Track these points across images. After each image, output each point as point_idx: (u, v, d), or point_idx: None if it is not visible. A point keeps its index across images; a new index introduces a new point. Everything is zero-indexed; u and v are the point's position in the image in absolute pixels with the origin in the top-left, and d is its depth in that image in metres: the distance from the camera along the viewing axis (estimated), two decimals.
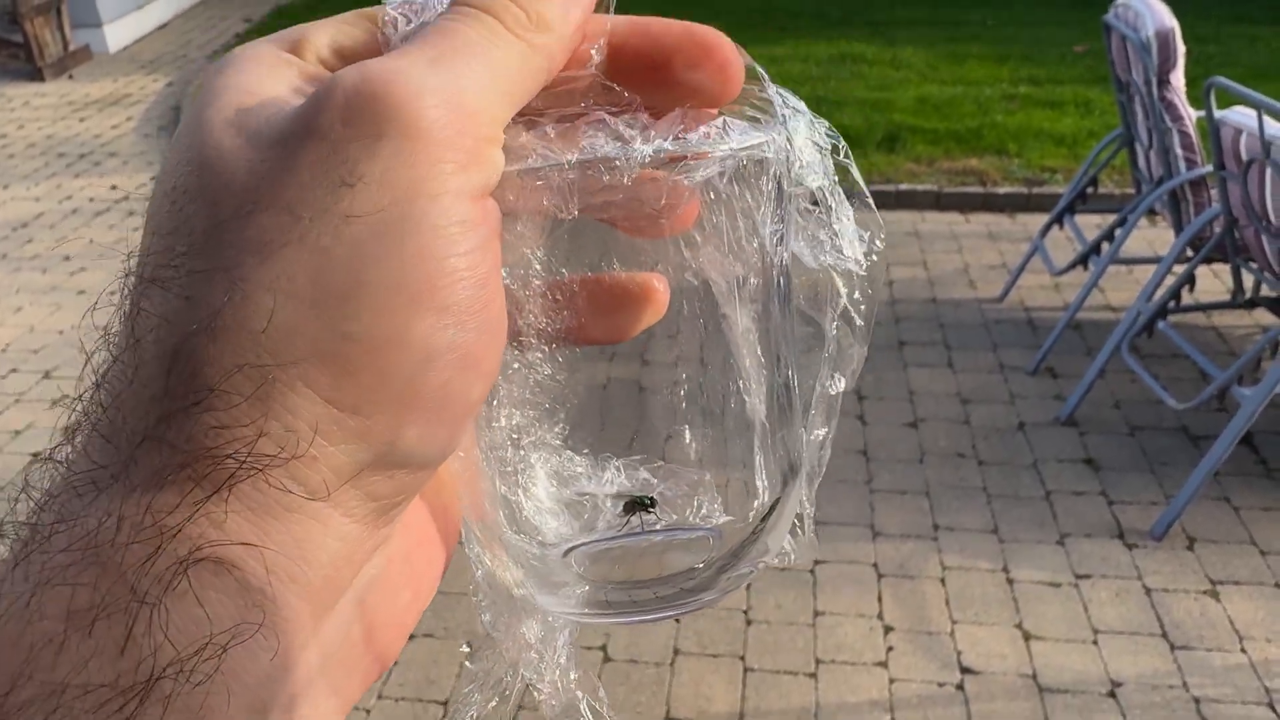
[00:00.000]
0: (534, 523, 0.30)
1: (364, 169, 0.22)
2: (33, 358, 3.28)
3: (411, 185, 0.22)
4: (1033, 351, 3.04)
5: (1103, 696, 1.93)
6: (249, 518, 0.21)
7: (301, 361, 0.22)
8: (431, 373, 0.23)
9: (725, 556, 0.32)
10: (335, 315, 0.22)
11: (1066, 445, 2.64)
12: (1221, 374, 2.35)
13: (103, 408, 0.22)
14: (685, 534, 0.31)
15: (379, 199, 0.22)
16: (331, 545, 0.23)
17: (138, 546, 0.20)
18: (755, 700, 1.94)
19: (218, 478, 0.21)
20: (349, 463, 0.23)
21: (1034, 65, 5.66)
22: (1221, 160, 2.41)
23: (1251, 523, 2.35)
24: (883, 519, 2.41)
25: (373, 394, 0.22)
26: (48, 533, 0.20)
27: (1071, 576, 2.22)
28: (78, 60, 6.49)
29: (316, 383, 0.22)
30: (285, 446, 0.22)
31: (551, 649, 0.32)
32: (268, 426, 0.21)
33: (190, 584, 0.20)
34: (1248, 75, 4.71)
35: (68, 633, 0.19)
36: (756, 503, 0.32)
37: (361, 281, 0.22)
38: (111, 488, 0.21)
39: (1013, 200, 4.13)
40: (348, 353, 0.22)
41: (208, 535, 0.21)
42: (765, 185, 0.29)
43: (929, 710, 1.92)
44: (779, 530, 0.33)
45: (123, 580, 0.20)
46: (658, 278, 0.29)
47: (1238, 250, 2.54)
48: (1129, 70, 2.76)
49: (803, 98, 0.30)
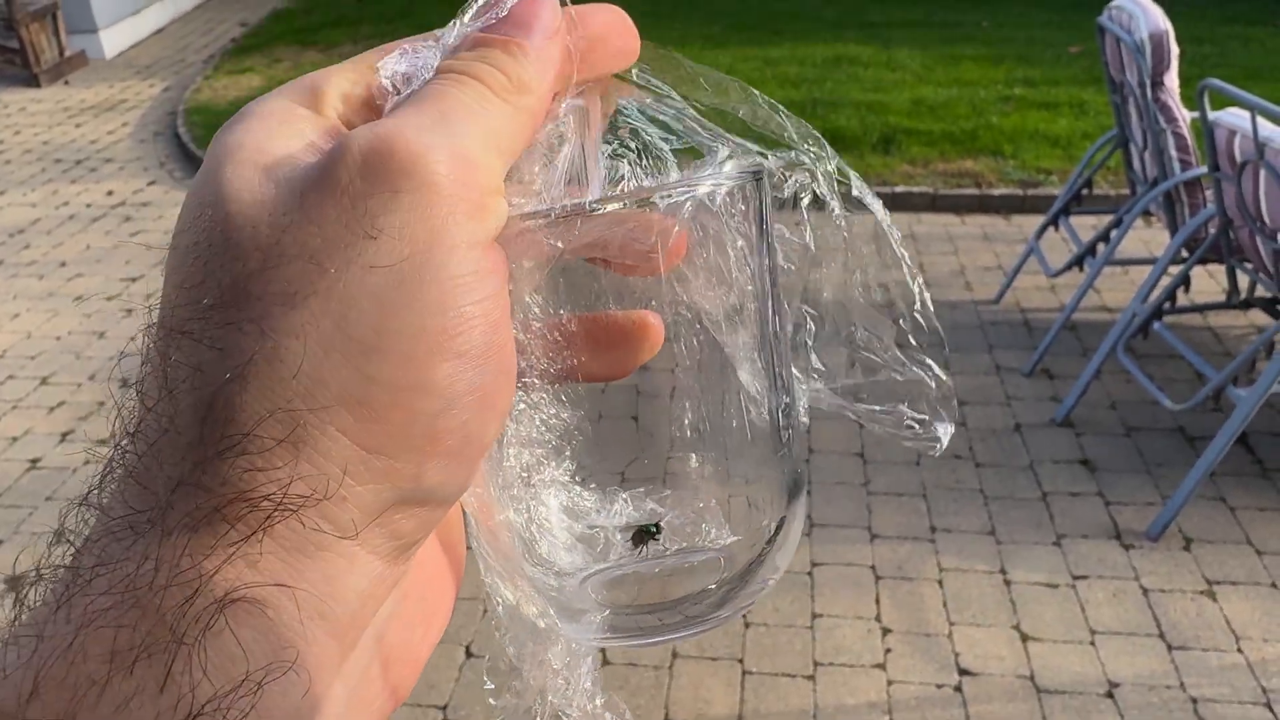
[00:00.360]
0: (549, 556, 0.32)
1: (384, 222, 0.23)
2: (30, 364, 3.28)
3: (429, 236, 0.24)
4: (1029, 353, 3.05)
5: (1100, 697, 1.94)
6: (282, 557, 0.22)
7: (331, 406, 0.23)
8: (452, 414, 0.24)
9: (737, 575, 0.33)
10: (361, 362, 0.23)
11: (1063, 446, 2.65)
12: (1217, 375, 2.35)
13: (138, 455, 0.23)
14: (695, 557, 0.32)
15: (400, 250, 0.23)
16: (358, 582, 0.24)
17: (175, 589, 0.21)
18: (754, 703, 1.94)
19: (253, 520, 0.22)
20: (375, 502, 0.24)
21: (1029, 67, 5.67)
22: (1216, 161, 2.41)
23: (1248, 523, 2.36)
24: (880, 521, 2.41)
25: (398, 436, 0.24)
26: (89, 576, 0.21)
27: (1068, 577, 2.23)
28: (74, 66, 6.49)
29: (345, 426, 0.23)
30: (317, 488, 0.23)
31: (576, 675, 0.33)
32: (300, 469, 0.23)
33: (227, 624, 0.21)
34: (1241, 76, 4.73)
35: (110, 673, 0.20)
36: (764, 521, 0.33)
37: (385, 329, 0.23)
38: (149, 533, 0.22)
39: (1008, 202, 4.14)
40: (374, 397, 0.23)
41: (243, 576, 0.22)
42: (751, 212, 0.31)
43: (927, 712, 1.92)
44: (787, 547, 0.34)
45: (162, 622, 0.21)
46: (652, 314, 0.31)
47: (1233, 251, 2.55)
48: (1123, 72, 2.77)
49: (799, 100, 0.31)
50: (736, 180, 0.30)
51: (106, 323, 3.52)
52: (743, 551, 0.33)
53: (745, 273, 0.31)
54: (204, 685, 0.20)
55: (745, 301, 0.31)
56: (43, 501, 2.60)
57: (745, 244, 0.31)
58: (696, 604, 0.32)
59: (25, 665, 0.20)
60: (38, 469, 2.74)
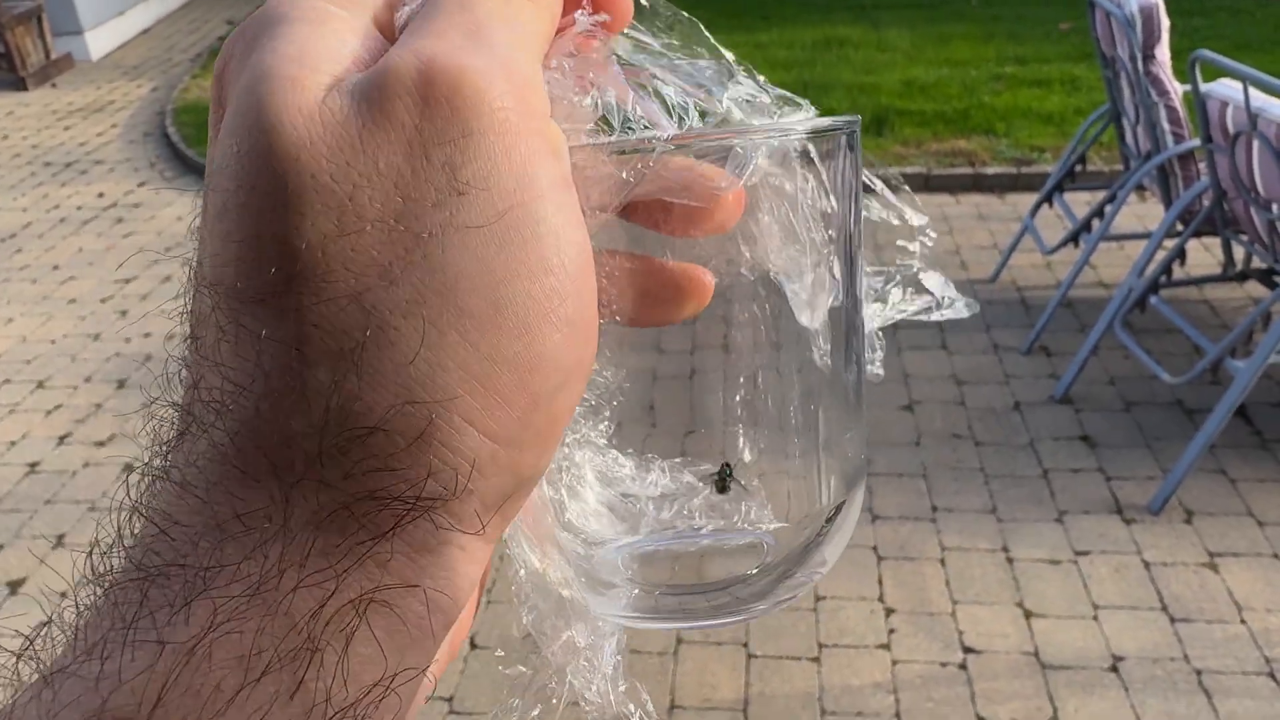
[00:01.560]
0: (578, 522, 0.30)
1: (467, 173, 0.21)
2: (26, 368, 3.27)
3: (517, 183, 0.21)
4: (1026, 331, 3.04)
5: (1105, 671, 1.94)
6: (411, 556, 0.21)
7: (456, 394, 0.21)
8: (569, 391, 0.22)
9: (783, 563, 0.31)
10: (478, 340, 0.21)
11: (1062, 423, 2.65)
12: (1214, 347, 2.35)
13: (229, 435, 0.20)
14: (735, 538, 0.30)
15: (493, 205, 0.21)
16: (474, 571, 0.22)
17: (305, 591, 0.20)
18: (759, 686, 1.95)
19: (383, 521, 0.20)
20: (499, 495, 0.22)
21: (1020, 44, 5.65)
22: (1209, 133, 2.41)
23: (1248, 494, 2.36)
24: (881, 502, 2.41)
25: (525, 422, 0.22)
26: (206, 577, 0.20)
27: (1071, 553, 2.23)
28: (60, 68, 6.46)
29: (472, 415, 0.21)
30: (448, 486, 0.21)
31: (599, 656, 0.31)
32: (434, 466, 0.21)
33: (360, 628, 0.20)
34: (1232, 48, 4.72)
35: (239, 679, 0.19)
36: (818, 507, 0.31)
37: (498, 300, 0.21)
38: (269, 531, 0.20)
39: (1002, 180, 4.13)
40: (498, 380, 0.21)
41: (373, 578, 0.20)
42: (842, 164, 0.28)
43: (932, 690, 1.93)
44: (840, 538, 0.31)
45: (293, 626, 0.19)
46: (705, 271, 0.28)
47: (1227, 223, 2.55)
48: (1114, 46, 2.76)
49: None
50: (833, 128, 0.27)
51: (101, 325, 3.51)
52: (790, 538, 0.30)
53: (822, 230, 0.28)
54: (339, 692, 0.19)
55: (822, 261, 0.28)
56: (42, 505, 2.60)
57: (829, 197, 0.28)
58: (735, 592, 0.30)
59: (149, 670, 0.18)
60: (36, 473, 2.73)
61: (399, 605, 0.21)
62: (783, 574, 0.31)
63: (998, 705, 1.88)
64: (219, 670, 0.19)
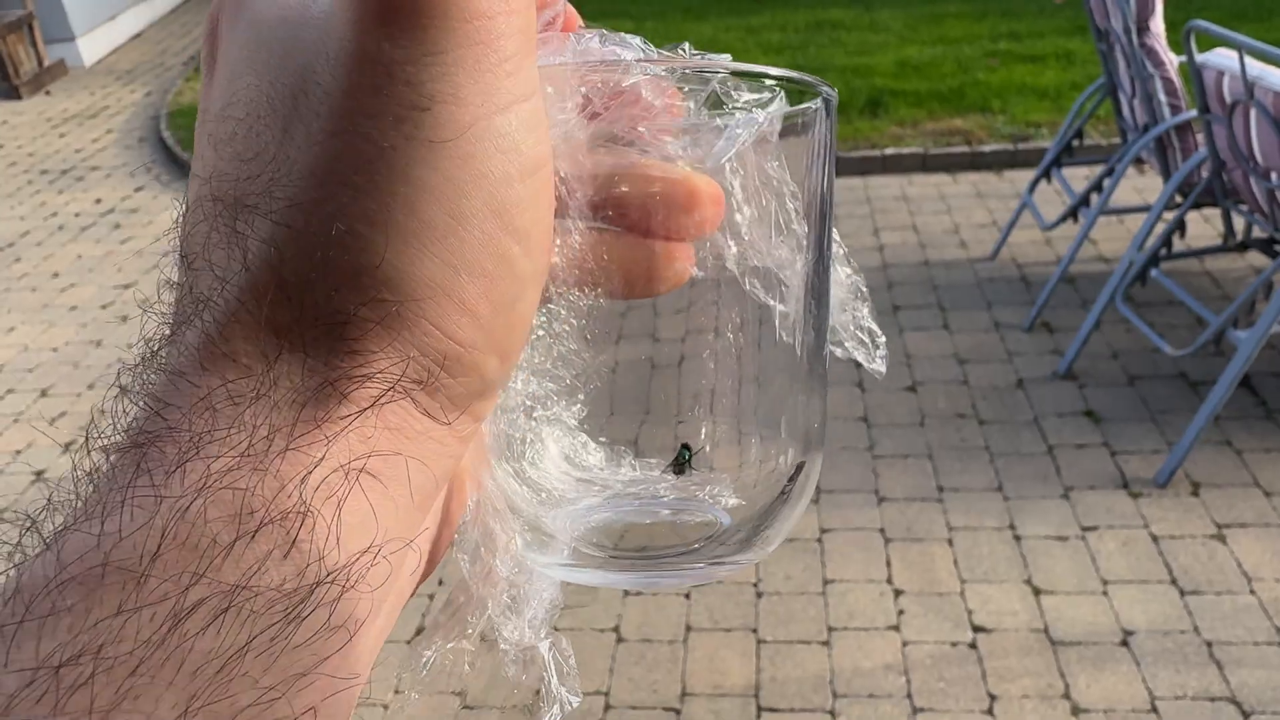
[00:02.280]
0: (537, 480, 0.30)
1: (433, 89, 0.21)
2: (28, 377, 3.27)
3: (483, 95, 0.22)
4: (1027, 308, 3.04)
5: (1115, 646, 1.94)
6: (391, 433, 0.22)
7: (421, 299, 0.22)
8: (525, 300, 0.24)
9: (736, 532, 0.31)
10: (441, 250, 0.22)
11: (1066, 399, 2.65)
12: (1217, 318, 2.35)
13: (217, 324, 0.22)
14: (692, 514, 0.31)
15: (458, 118, 0.22)
16: (446, 465, 0.24)
17: (294, 455, 0.20)
18: (770, 671, 1.95)
19: (364, 398, 0.22)
20: (465, 394, 0.23)
21: (1013, 20, 5.63)
22: (1205, 104, 2.40)
23: (1254, 465, 2.36)
24: (887, 484, 2.41)
25: (489, 329, 0.23)
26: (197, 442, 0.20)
27: (1078, 529, 2.23)
28: (53, 76, 6.45)
29: (437, 319, 0.22)
30: (419, 377, 0.22)
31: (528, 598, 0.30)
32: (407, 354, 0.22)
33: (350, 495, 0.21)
34: (1227, 18, 4.69)
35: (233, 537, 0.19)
36: (774, 478, 0.31)
37: (461, 213, 0.22)
38: (256, 403, 0.21)
39: (999, 158, 4.12)
40: (460, 289, 0.22)
41: (358, 449, 0.21)
42: (818, 135, 0.28)
43: (943, 670, 1.93)
44: (792, 512, 0.31)
45: (282, 488, 0.20)
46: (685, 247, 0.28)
47: (1227, 193, 2.54)
48: (1108, 19, 2.74)
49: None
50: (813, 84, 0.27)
51: (102, 331, 3.51)
52: (745, 513, 0.31)
53: (794, 199, 0.28)
54: (332, 554, 0.20)
55: (794, 232, 0.28)
56: None
57: (800, 170, 0.28)
58: (676, 553, 0.30)
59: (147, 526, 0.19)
60: (43, 481, 2.74)
61: (384, 475, 0.22)
62: (736, 544, 0.31)
63: (1009, 683, 1.89)
64: (214, 525, 0.19)
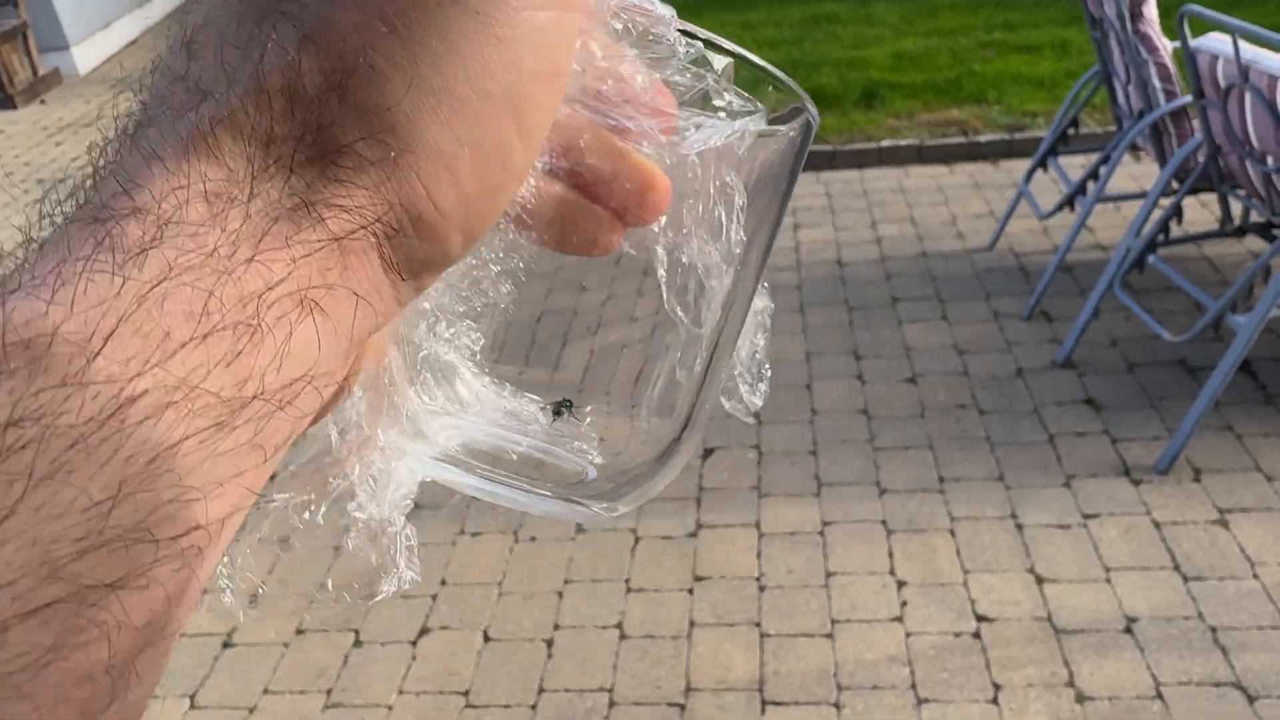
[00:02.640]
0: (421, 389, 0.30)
1: None
2: None
3: None
4: (1026, 297, 3.03)
5: (1119, 633, 1.94)
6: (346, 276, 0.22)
7: (420, 157, 0.22)
8: (503, 194, 0.24)
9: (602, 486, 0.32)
10: (454, 120, 0.22)
11: (1066, 387, 2.64)
12: (1215, 304, 2.34)
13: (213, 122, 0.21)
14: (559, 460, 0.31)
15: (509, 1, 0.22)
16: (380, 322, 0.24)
17: (257, 267, 0.20)
18: (774, 665, 1.95)
19: (334, 227, 0.21)
20: (421, 261, 0.23)
21: (1008, 10, 5.62)
22: (1200, 89, 2.39)
23: (1256, 450, 2.35)
24: (888, 475, 2.41)
25: (468, 208, 0.23)
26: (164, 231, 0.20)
27: (1080, 517, 2.23)
28: (48, 85, 6.45)
29: (428, 181, 0.22)
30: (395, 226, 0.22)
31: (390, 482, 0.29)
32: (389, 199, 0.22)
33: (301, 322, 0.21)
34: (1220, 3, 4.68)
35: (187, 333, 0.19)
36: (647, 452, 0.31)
37: (482, 90, 0.22)
38: (230, 207, 0.21)
39: (995, 148, 4.11)
40: (457, 161, 0.22)
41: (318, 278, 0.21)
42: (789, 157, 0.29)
43: (947, 660, 1.93)
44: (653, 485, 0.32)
45: (240, 298, 0.20)
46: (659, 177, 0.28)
47: (1223, 178, 2.53)
48: (1101, 6, 2.74)
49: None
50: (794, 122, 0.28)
51: None
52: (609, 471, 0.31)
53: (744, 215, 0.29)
54: (271, 376, 0.20)
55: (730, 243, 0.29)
56: None
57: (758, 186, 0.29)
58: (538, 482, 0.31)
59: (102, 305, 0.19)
60: None
61: (331, 310, 0.22)
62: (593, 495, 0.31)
63: (1013, 672, 1.88)
64: (170, 319, 0.19)
